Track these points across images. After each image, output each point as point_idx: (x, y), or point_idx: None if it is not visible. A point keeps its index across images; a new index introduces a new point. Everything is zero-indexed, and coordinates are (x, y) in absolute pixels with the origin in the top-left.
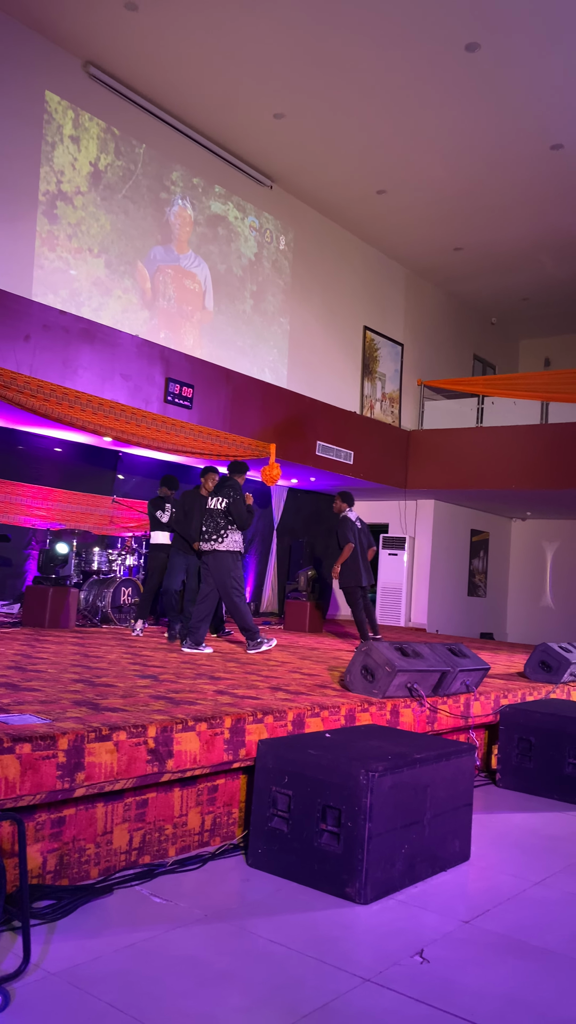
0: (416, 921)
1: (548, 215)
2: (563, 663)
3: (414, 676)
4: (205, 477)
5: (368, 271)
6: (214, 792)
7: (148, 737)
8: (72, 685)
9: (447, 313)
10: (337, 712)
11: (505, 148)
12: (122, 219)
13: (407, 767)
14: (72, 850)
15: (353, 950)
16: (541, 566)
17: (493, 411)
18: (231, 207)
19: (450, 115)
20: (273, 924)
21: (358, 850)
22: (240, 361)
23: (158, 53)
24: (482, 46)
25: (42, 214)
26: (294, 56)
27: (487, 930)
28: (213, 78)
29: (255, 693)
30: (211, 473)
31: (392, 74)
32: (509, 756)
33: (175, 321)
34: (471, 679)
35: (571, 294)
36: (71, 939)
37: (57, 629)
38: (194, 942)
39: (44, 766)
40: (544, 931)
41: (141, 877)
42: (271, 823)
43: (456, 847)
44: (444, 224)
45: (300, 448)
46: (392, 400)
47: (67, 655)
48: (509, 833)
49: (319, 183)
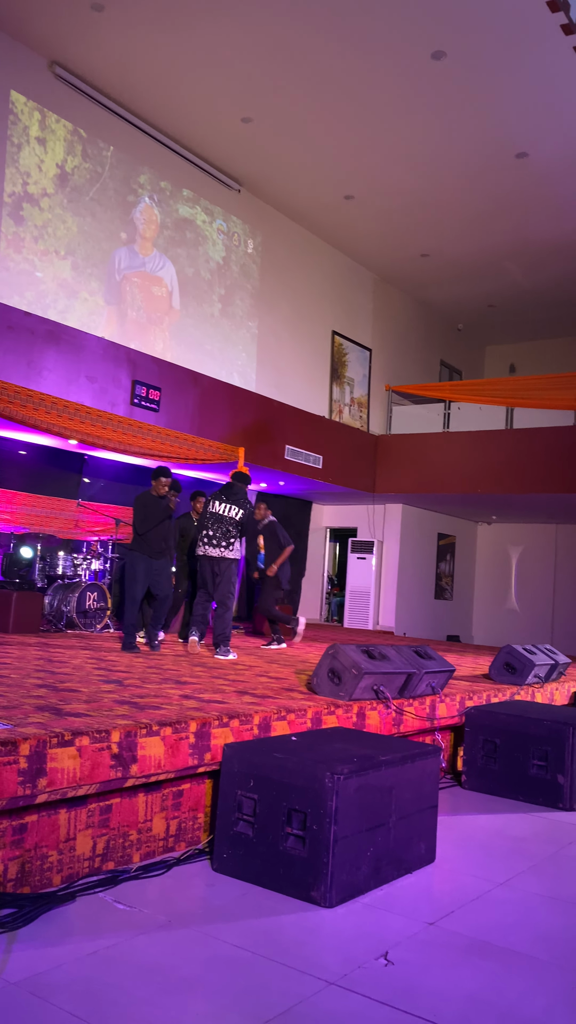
0: (381, 924)
1: (514, 223)
2: (527, 665)
3: (380, 678)
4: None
5: (336, 276)
6: (179, 797)
7: (112, 742)
8: (35, 691)
9: (414, 319)
10: (304, 715)
11: (471, 156)
12: (89, 221)
13: (372, 769)
14: (34, 857)
15: (318, 954)
16: (506, 569)
17: (460, 416)
18: (199, 210)
19: (417, 122)
20: (238, 929)
21: (323, 853)
22: (208, 364)
23: (125, 54)
24: (448, 54)
25: (8, 216)
26: (262, 60)
27: (451, 931)
28: (181, 81)
29: (221, 697)
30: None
31: (359, 81)
32: (474, 758)
33: (142, 324)
34: (437, 681)
35: (536, 301)
36: (32, 948)
37: (21, 634)
38: (158, 948)
39: (5, 772)
40: (507, 932)
41: (105, 884)
42: (236, 827)
43: (421, 849)
44: (411, 231)
45: (269, 452)
46: (360, 405)
47: (31, 660)
48: (474, 835)
49: (287, 188)
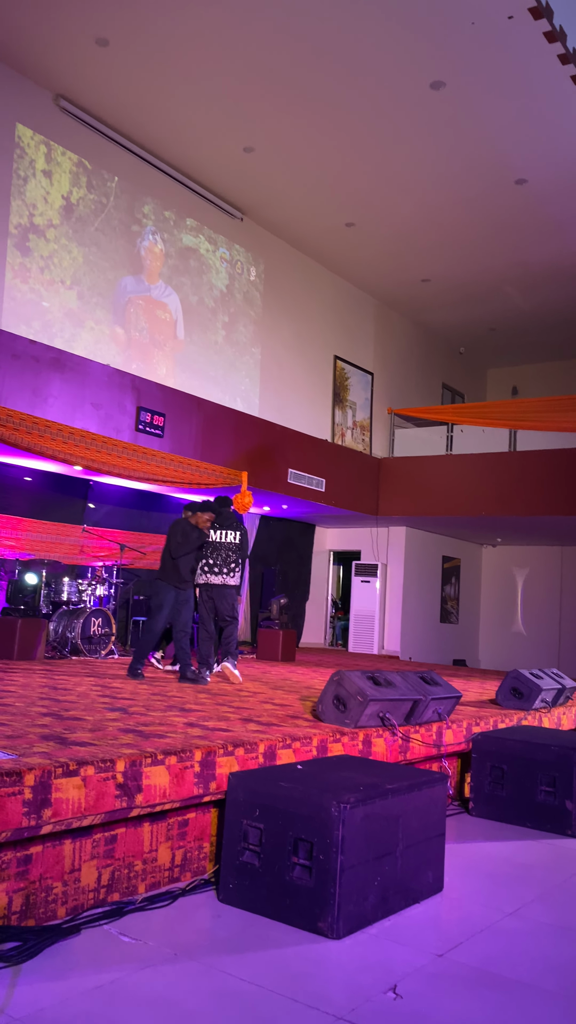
0: (389, 955)
1: (514, 248)
2: (534, 689)
3: (386, 705)
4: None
5: (338, 301)
6: (184, 826)
7: (117, 772)
8: (40, 719)
9: (416, 343)
10: (309, 743)
11: (471, 183)
12: (94, 251)
13: (379, 798)
14: (39, 889)
15: (326, 987)
16: (512, 592)
17: (463, 439)
18: (202, 239)
19: (417, 150)
20: (244, 962)
21: (330, 883)
22: (212, 390)
23: (129, 87)
24: (447, 84)
25: (14, 247)
26: (263, 91)
27: (460, 963)
28: (184, 112)
29: (226, 725)
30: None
31: (360, 110)
32: (482, 784)
33: (147, 351)
34: (443, 707)
35: (537, 324)
36: (37, 982)
37: (26, 661)
38: (163, 982)
39: (10, 803)
40: (516, 963)
41: (110, 916)
42: (242, 857)
43: (429, 878)
44: (412, 256)
45: (272, 476)
46: (363, 428)
47: (35, 688)
48: (482, 863)
49: (289, 215)
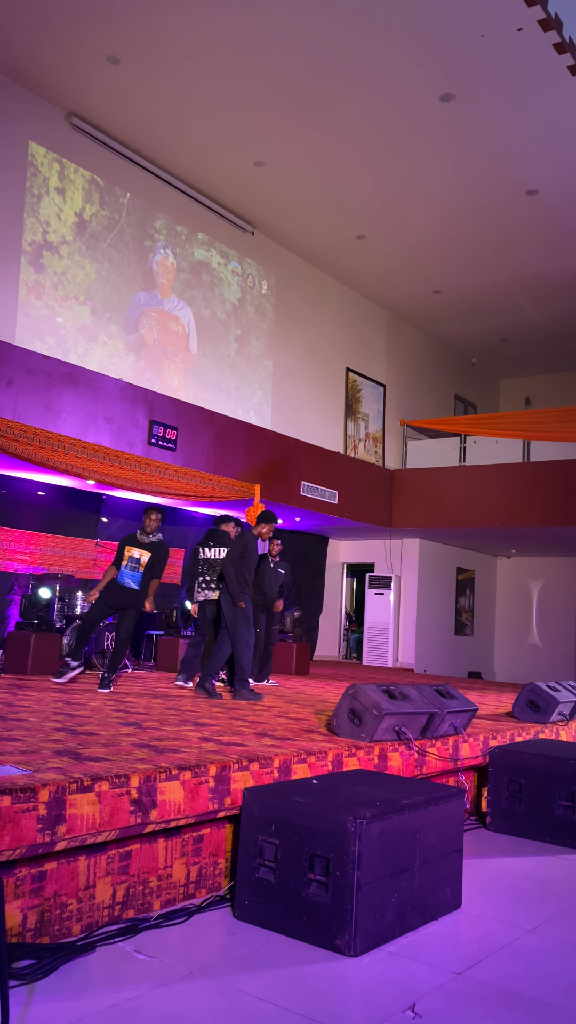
0: (407, 973)
1: (525, 258)
2: (551, 702)
3: (402, 719)
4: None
5: (349, 314)
6: (199, 842)
7: (131, 787)
8: (54, 734)
9: (428, 354)
10: (324, 757)
11: (481, 194)
12: (107, 267)
13: (396, 813)
14: (53, 906)
15: (343, 1006)
16: (527, 604)
17: (476, 450)
18: (214, 253)
19: (427, 162)
20: (261, 980)
21: (347, 900)
22: (225, 403)
23: (141, 104)
24: (456, 96)
25: (28, 263)
26: (274, 106)
27: (480, 981)
28: (195, 127)
29: (240, 739)
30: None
31: (369, 123)
32: (499, 799)
33: (160, 363)
34: (459, 721)
35: (549, 335)
36: (52, 1000)
37: (40, 675)
38: (179, 1001)
39: (24, 819)
40: (537, 981)
41: (125, 933)
42: (258, 873)
43: (447, 895)
44: (423, 268)
45: (285, 489)
46: (375, 440)
47: (49, 703)
48: (500, 878)
49: (300, 229)
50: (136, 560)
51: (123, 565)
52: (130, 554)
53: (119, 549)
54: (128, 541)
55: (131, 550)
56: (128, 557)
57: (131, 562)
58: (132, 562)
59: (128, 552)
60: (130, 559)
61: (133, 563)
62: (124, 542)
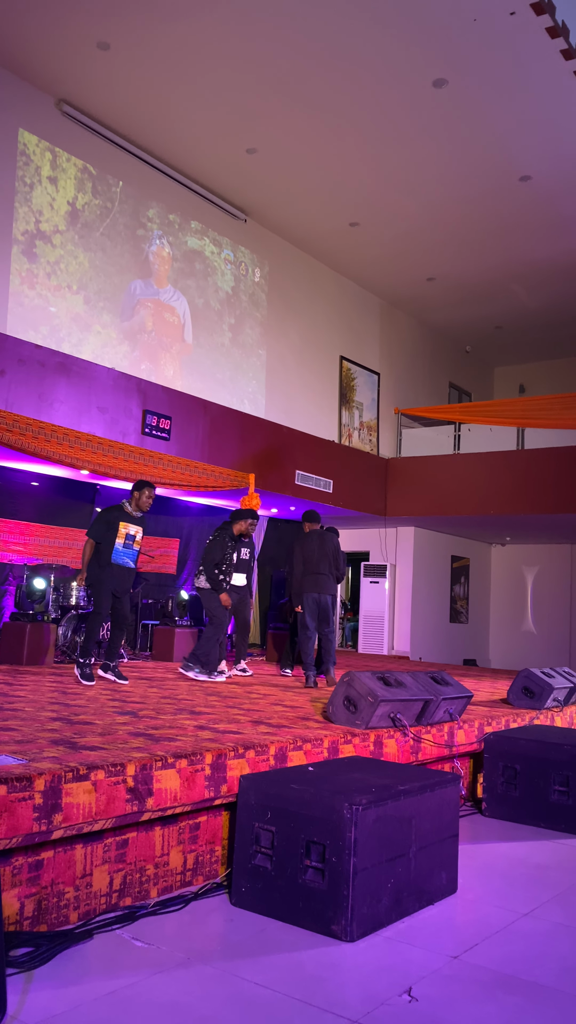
0: (404, 958)
1: (519, 245)
2: (546, 688)
3: (397, 706)
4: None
5: (343, 302)
6: (196, 830)
7: (127, 776)
8: (49, 724)
9: (422, 342)
10: (320, 744)
11: (475, 180)
12: (100, 256)
13: (391, 799)
14: (50, 894)
15: (340, 991)
16: (522, 591)
17: (470, 438)
18: (207, 242)
19: (420, 149)
20: (258, 966)
21: (343, 886)
22: (219, 393)
23: (132, 91)
24: (449, 82)
25: (21, 253)
26: (265, 92)
27: (476, 965)
28: (186, 114)
29: (236, 727)
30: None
31: (362, 109)
32: (494, 784)
33: (155, 353)
34: (454, 707)
35: (543, 322)
36: (49, 988)
37: (35, 666)
38: (177, 987)
39: (20, 808)
40: (533, 964)
41: (122, 920)
42: (254, 860)
43: (443, 880)
44: (417, 255)
45: (279, 478)
46: (370, 428)
47: (45, 692)
48: (496, 863)
49: (293, 216)
50: (132, 537)
51: (118, 543)
52: (126, 531)
53: (109, 524)
54: (120, 517)
55: (126, 526)
56: (124, 535)
57: (128, 540)
58: (128, 539)
59: (124, 528)
60: (127, 536)
61: (129, 540)
62: (116, 517)
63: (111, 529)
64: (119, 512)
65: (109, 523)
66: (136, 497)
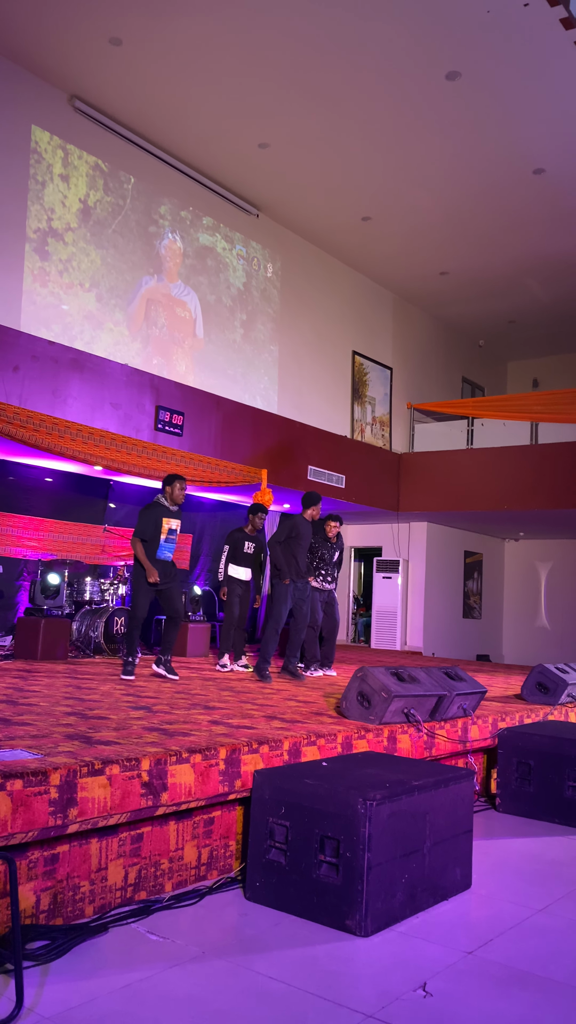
0: (418, 953)
1: (532, 239)
2: (560, 684)
3: (410, 701)
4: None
5: (356, 296)
6: (210, 825)
7: (142, 770)
8: (64, 719)
9: (435, 337)
10: (334, 740)
11: (488, 174)
12: (112, 253)
13: (405, 795)
14: (66, 888)
15: (354, 985)
16: (535, 586)
17: (483, 433)
18: (219, 238)
19: (433, 142)
20: (272, 960)
21: (357, 881)
22: (231, 389)
23: (143, 86)
24: (462, 74)
25: (33, 251)
26: (277, 87)
27: (490, 961)
28: (198, 110)
29: (250, 722)
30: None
31: (375, 103)
32: (508, 780)
33: (167, 348)
34: (468, 703)
35: (557, 316)
36: (65, 981)
37: (50, 661)
38: (191, 981)
39: (36, 802)
40: (548, 961)
41: (137, 914)
42: (268, 855)
43: (457, 875)
44: (430, 250)
45: (292, 473)
46: (382, 423)
47: (59, 688)
48: (510, 859)
49: (305, 211)
50: (173, 531)
51: (161, 539)
52: (168, 526)
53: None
54: (162, 513)
55: (168, 521)
56: (167, 530)
57: (170, 534)
58: (171, 534)
59: (167, 524)
60: (168, 531)
61: (171, 534)
62: (159, 514)
63: (158, 527)
64: (160, 508)
65: (156, 522)
66: (169, 491)
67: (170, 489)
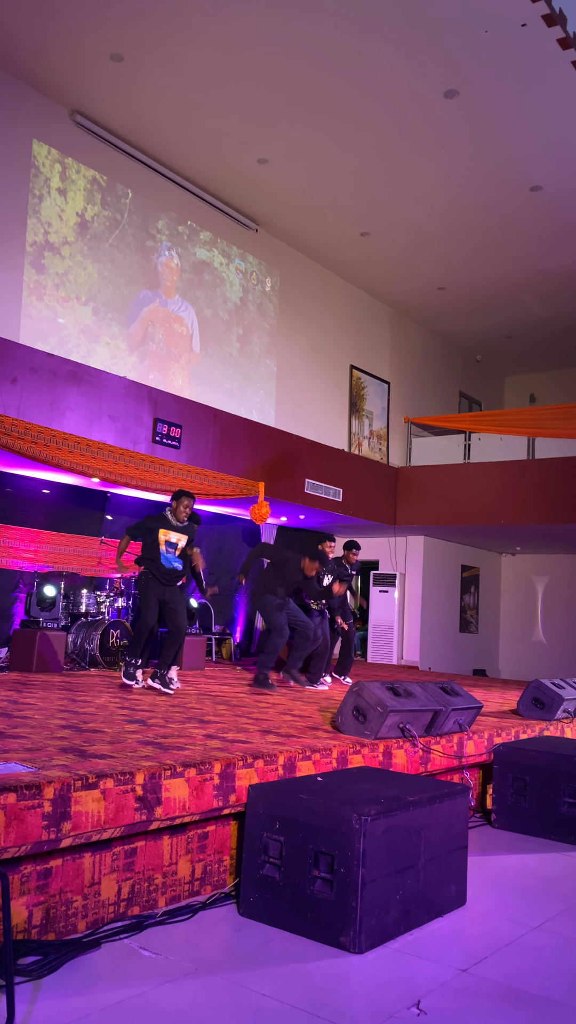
0: (412, 970)
1: (530, 255)
2: (556, 700)
3: (406, 716)
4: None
5: (353, 311)
6: (204, 839)
7: (136, 784)
8: (59, 731)
9: (432, 351)
10: (329, 755)
11: (486, 190)
12: (109, 267)
13: (400, 810)
14: (59, 903)
15: (348, 1003)
16: (532, 601)
17: (480, 447)
18: (216, 252)
19: (431, 159)
20: (265, 977)
21: (352, 897)
22: (228, 403)
23: (144, 101)
24: (460, 92)
25: (30, 264)
26: (277, 103)
27: (485, 978)
28: (198, 125)
29: (245, 737)
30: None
31: (373, 120)
32: (504, 796)
33: (164, 364)
34: (464, 718)
35: (554, 331)
36: (57, 997)
37: (45, 673)
38: (184, 998)
39: (29, 816)
40: (543, 978)
41: (130, 929)
42: (263, 870)
43: (452, 892)
44: (427, 265)
45: (289, 486)
46: (380, 437)
47: (54, 700)
48: (505, 876)
49: (303, 226)
50: (173, 545)
51: (162, 550)
52: (166, 538)
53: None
54: (160, 524)
55: (166, 533)
56: (164, 541)
57: (168, 547)
58: (169, 547)
59: (164, 536)
60: (167, 543)
61: (170, 547)
62: (156, 524)
63: (150, 533)
64: (160, 519)
65: (148, 528)
66: (174, 507)
67: (175, 504)
